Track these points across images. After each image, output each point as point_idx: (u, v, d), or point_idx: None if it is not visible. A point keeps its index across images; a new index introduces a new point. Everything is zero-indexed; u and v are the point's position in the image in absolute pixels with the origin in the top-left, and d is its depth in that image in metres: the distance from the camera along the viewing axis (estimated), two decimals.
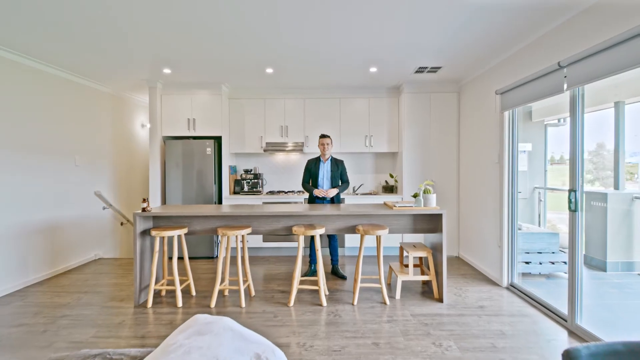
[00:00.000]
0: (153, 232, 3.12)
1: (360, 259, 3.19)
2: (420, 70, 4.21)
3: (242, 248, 3.28)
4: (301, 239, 3.14)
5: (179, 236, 3.65)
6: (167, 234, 3.12)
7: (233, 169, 5.29)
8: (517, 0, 2.52)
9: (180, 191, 4.76)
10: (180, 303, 3.16)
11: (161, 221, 3.46)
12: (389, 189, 5.19)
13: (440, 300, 3.23)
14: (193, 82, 4.72)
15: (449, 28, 2.99)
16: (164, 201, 4.86)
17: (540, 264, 3.92)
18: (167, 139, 4.94)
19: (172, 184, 4.75)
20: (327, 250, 4.88)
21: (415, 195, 3.39)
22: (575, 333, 2.60)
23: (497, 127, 3.73)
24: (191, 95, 4.83)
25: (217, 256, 4.79)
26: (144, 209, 3.24)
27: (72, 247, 4.38)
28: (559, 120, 4.84)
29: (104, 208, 4.93)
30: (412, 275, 3.31)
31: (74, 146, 4.40)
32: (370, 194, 5.20)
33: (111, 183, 5.11)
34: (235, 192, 5.20)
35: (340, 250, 4.92)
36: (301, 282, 3.73)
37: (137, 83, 4.79)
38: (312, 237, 3.62)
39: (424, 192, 3.30)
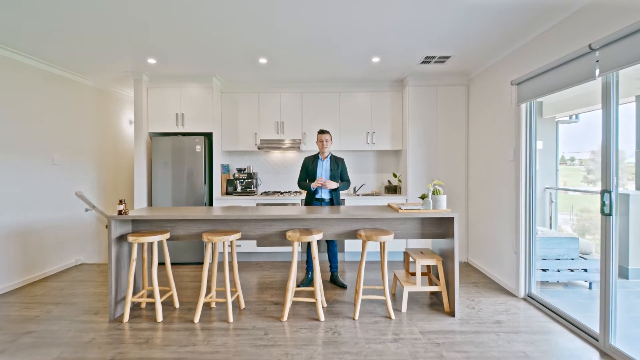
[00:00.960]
0: (130, 238, 2.78)
1: (362, 267, 2.85)
2: (427, 60, 3.87)
3: (231, 255, 2.96)
4: (296, 245, 2.80)
5: (161, 242, 3.31)
6: (146, 239, 2.78)
7: (225, 168, 4.96)
8: None
9: (168, 192, 4.42)
10: (160, 317, 2.82)
11: (141, 225, 3.12)
12: (392, 190, 4.86)
13: (452, 313, 2.89)
14: (182, 74, 4.39)
15: (460, 6, 2.66)
16: (150, 203, 4.52)
17: (559, 271, 3.58)
18: (154, 135, 4.60)
19: (159, 184, 4.42)
20: (326, 256, 4.54)
21: (423, 197, 3.05)
22: (609, 355, 2.26)
23: (512, 121, 3.40)
24: (180, 89, 4.49)
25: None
26: (120, 212, 2.90)
27: (49, 252, 4.04)
28: (570, 117, 4.50)
29: (86, 210, 4.57)
30: (420, 286, 2.98)
31: (53, 143, 4.06)
32: (372, 194, 4.86)
33: (95, 183, 4.78)
34: (227, 193, 4.86)
35: (340, 255, 4.58)
36: (296, 294, 3.39)
37: (121, 75, 4.46)
38: (309, 244, 3.28)
39: (433, 192, 2.96)
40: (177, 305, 3.10)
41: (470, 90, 4.38)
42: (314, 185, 3.49)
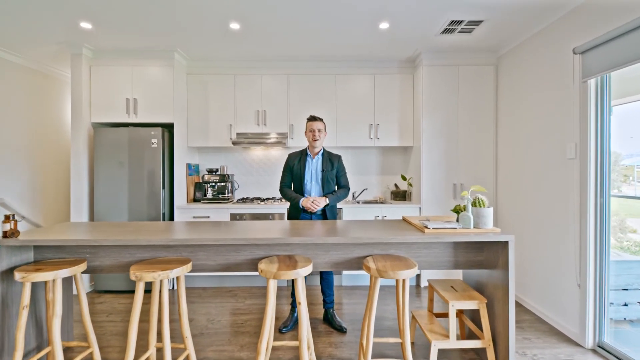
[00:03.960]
0: (17, 275, 1.80)
1: (371, 318, 1.90)
2: (451, 28, 2.96)
3: (177, 295, 1.98)
4: (273, 285, 1.84)
5: (73, 277, 2.31)
6: (41, 277, 1.80)
7: (194, 169, 3.98)
8: None
9: (114, 199, 3.42)
10: None
11: (47, 252, 2.14)
12: (400, 196, 3.93)
13: None
14: (134, 47, 3.41)
15: None
16: (91, 213, 3.52)
17: (626, 305, 2.68)
18: (98, 126, 3.61)
19: (102, 189, 3.42)
20: (316, 284, 3.59)
21: (457, 210, 2.12)
22: None
23: (570, 106, 2.50)
24: (132, 67, 3.51)
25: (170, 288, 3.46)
26: (5, 233, 1.92)
27: None
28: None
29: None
30: (455, 341, 2.04)
31: None
32: (376, 201, 3.92)
33: (27, 186, 3.76)
34: (196, 200, 3.88)
35: (335, 279, 3.63)
36: (275, 346, 2.42)
37: (57, 49, 3.46)
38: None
39: (474, 204, 2.03)
40: None
41: (501, 71, 3.47)
42: (303, 204, 2.56)
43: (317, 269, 2.12)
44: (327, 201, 2.58)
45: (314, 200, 2.54)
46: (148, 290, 3.37)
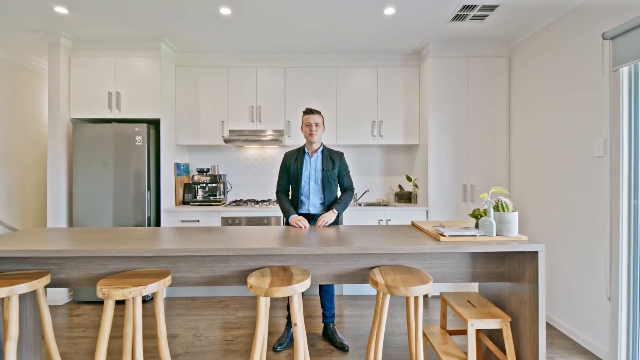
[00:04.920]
0: None
1: (378, 342, 1.63)
2: (463, 14, 2.70)
3: (154, 314, 1.76)
4: (264, 303, 1.57)
5: (34, 293, 2.03)
6: None
7: (184, 169, 3.71)
8: None
9: (95, 201, 3.15)
10: None
11: (7, 263, 1.86)
12: (405, 198, 3.67)
13: None
14: (117, 36, 3.15)
15: None
16: (70, 217, 3.24)
17: None
18: (78, 122, 3.33)
19: (82, 191, 3.15)
20: (315, 295, 3.32)
21: (476, 215, 1.86)
22: None
23: (599, 97, 2.24)
24: (115, 58, 3.24)
25: (150, 298, 3.18)
26: None
27: None
28: None
29: None
30: None
31: None
32: (379, 204, 3.66)
33: (2, 186, 3.48)
34: (185, 202, 3.61)
35: (336, 288, 3.36)
36: None
37: (34, 39, 3.19)
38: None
39: (496, 208, 1.77)
40: None
41: (514, 63, 3.22)
42: (292, 222, 2.26)
43: (316, 282, 1.85)
44: (336, 212, 2.31)
45: (320, 218, 2.26)
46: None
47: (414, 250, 1.63)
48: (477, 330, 2.14)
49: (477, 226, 1.85)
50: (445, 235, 1.71)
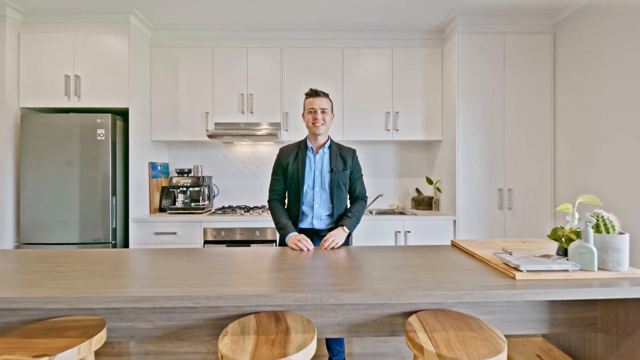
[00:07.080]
0: None
1: None
2: None
3: None
4: None
5: None
6: None
7: (162, 169, 3.12)
8: None
9: (46, 208, 2.55)
10: None
11: None
12: (425, 204, 3.08)
13: None
14: (77, 7, 2.57)
15: None
16: (17, 230, 2.64)
17: None
18: (28, 112, 2.74)
19: (32, 196, 2.55)
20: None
21: (563, 237, 1.28)
22: None
23: None
24: (74, 34, 2.66)
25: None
26: None
27: None
28: None
29: None
30: None
31: None
32: (394, 211, 3.08)
33: None
34: (162, 209, 3.02)
35: None
36: None
37: None
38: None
39: (597, 228, 1.18)
40: None
41: (559, 41, 2.64)
42: (290, 243, 1.66)
43: (323, 335, 1.27)
44: (347, 231, 1.72)
45: (328, 237, 1.66)
46: None
47: (481, 298, 1.04)
48: None
49: (564, 254, 1.26)
50: (522, 271, 1.13)
